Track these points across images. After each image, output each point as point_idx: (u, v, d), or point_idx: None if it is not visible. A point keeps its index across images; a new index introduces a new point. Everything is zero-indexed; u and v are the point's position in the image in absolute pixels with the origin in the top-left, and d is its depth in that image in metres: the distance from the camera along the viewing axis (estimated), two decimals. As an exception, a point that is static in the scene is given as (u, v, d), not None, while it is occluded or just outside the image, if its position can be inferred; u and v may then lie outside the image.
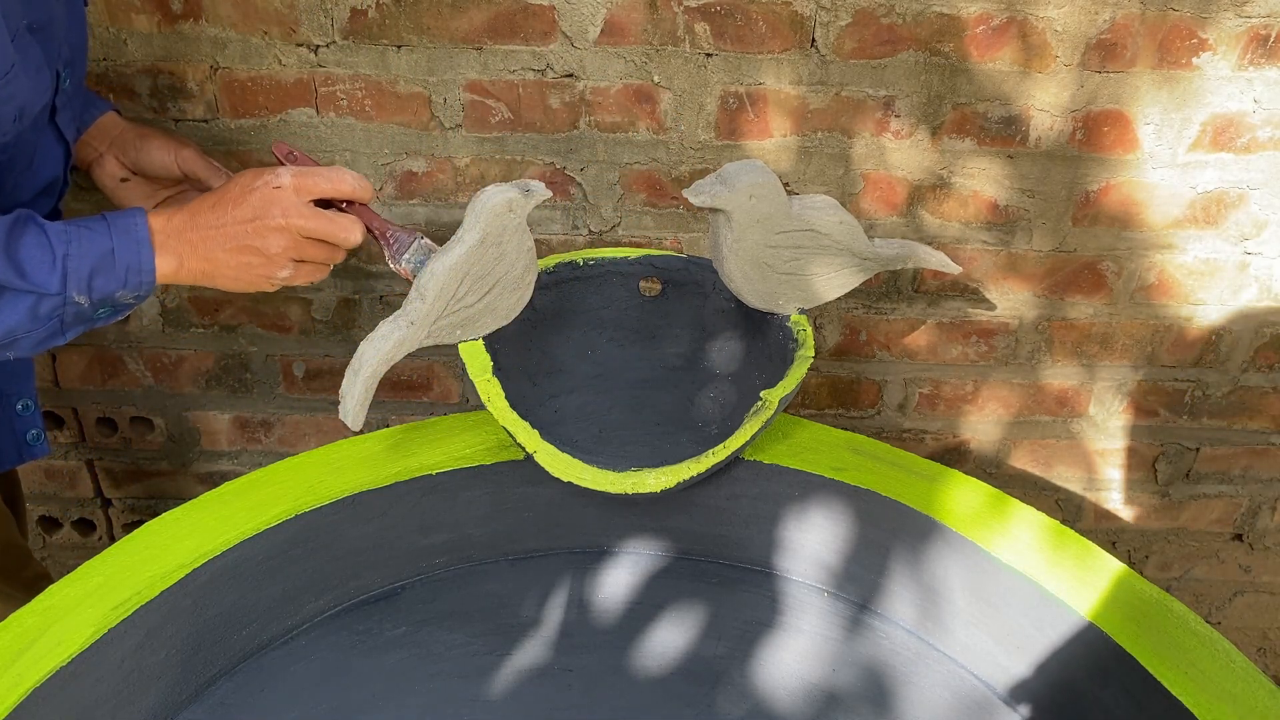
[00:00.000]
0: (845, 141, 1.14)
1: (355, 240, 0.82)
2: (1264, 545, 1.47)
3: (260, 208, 0.78)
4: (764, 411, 0.93)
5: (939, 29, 1.07)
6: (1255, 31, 1.07)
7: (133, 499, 1.44)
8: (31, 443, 0.99)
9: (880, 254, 1.01)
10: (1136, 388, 1.31)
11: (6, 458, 0.98)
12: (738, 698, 0.93)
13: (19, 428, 0.97)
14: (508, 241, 0.89)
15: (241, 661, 0.93)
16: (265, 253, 0.79)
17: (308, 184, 0.79)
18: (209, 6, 1.06)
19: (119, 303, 0.78)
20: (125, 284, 0.76)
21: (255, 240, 0.78)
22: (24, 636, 0.78)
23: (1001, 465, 1.39)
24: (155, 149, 0.94)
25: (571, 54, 1.09)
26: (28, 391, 0.97)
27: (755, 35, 1.07)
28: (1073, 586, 0.87)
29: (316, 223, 0.79)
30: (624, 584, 1.03)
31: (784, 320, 0.99)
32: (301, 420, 1.36)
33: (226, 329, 1.27)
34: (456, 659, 0.95)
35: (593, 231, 1.21)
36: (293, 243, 0.79)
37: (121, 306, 0.79)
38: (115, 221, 0.76)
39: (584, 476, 0.91)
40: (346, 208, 0.85)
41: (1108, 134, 1.13)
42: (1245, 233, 1.19)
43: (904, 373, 1.31)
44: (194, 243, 0.78)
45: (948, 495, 0.96)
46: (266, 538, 0.89)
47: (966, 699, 0.94)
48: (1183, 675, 0.80)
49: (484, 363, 0.93)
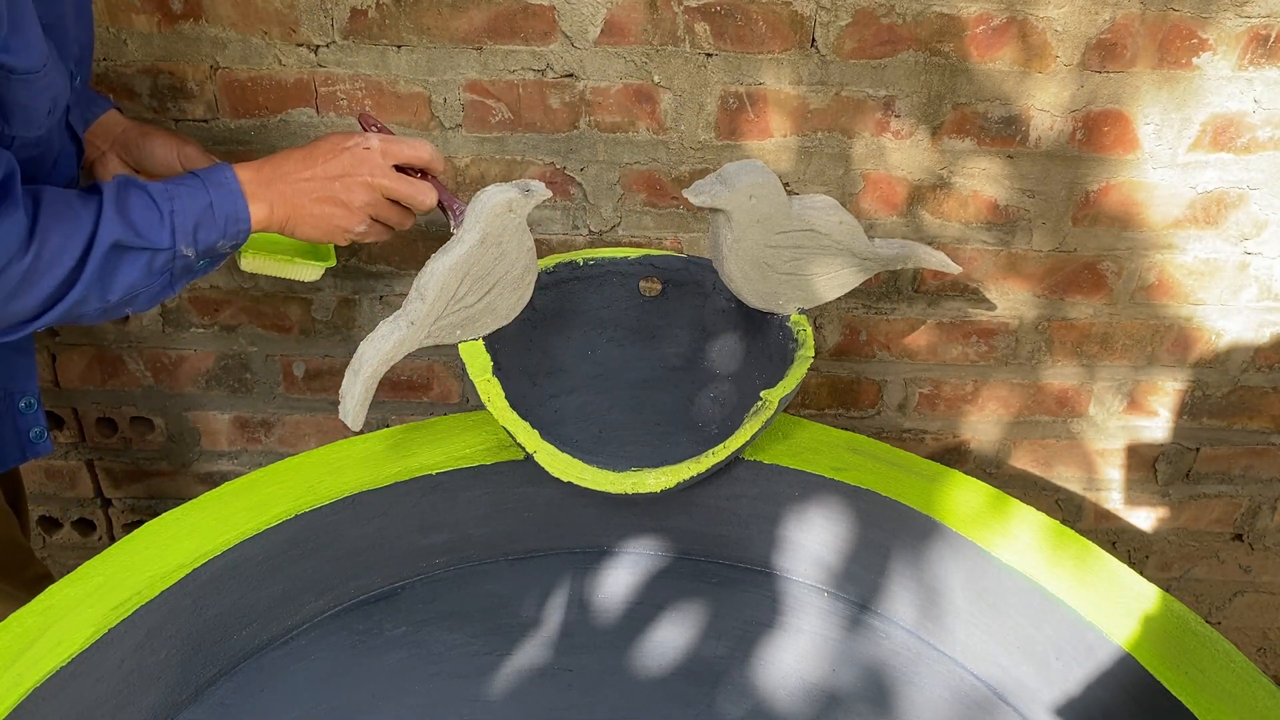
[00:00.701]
0: (845, 141, 1.14)
1: (430, 205, 0.88)
2: (1264, 545, 1.47)
3: (351, 165, 0.84)
4: (764, 411, 0.93)
5: (939, 29, 1.07)
6: (1255, 31, 1.07)
7: (133, 499, 1.44)
8: (35, 440, 0.99)
9: (880, 254, 1.01)
10: (1136, 388, 1.31)
11: (10, 456, 0.99)
12: (738, 698, 0.93)
13: (22, 426, 0.98)
14: (508, 241, 0.89)
15: (241, 661, 0.93)
16: (349, 205, 0.85)
17: (393, 149, 0.86)
18: (209, 6, 1.06)
19: (218, 252, 0.83)
20: (225, 234, 0.81)
21: (343, 194, 0.84)
22: (24, 636, 0.78)
23: (1001, 465, 1.39)
24: (158, 147, 0.95)
25: (571, 54, 1.09)
26: (31, 390, 0.97)
27: (755, 35, 1.07)
28: (1073, 587, 0.87)
29: (399, 184, 0.86)
30: (624, 584, 1.03)
31: (784, 320, 0.99)
32: (301, 420, 1.36)
33: (226, 329, 1.27)
34: (456, 659, 0.95)
35: (593, 231, 1.21)
36: (375, 200, 0.86)
37: (219, 256, 0.85)
38: (208, 177, 0.81)
39: (584, 476, 0.91)
40: (421, 177, 0.89)
41: (1108, 134, 1.13)
42: (1245, 233, 1.19)
43: (904, 373, 1.31)
44: (284, 192, 0.84)
45: (948, 495, 0.96)
46: (266, 538, 0.89)
47: (966, 699, 0.94)
48: (1183, 675, 0.80)
49: (484, 363, 0.93)
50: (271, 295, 1.25)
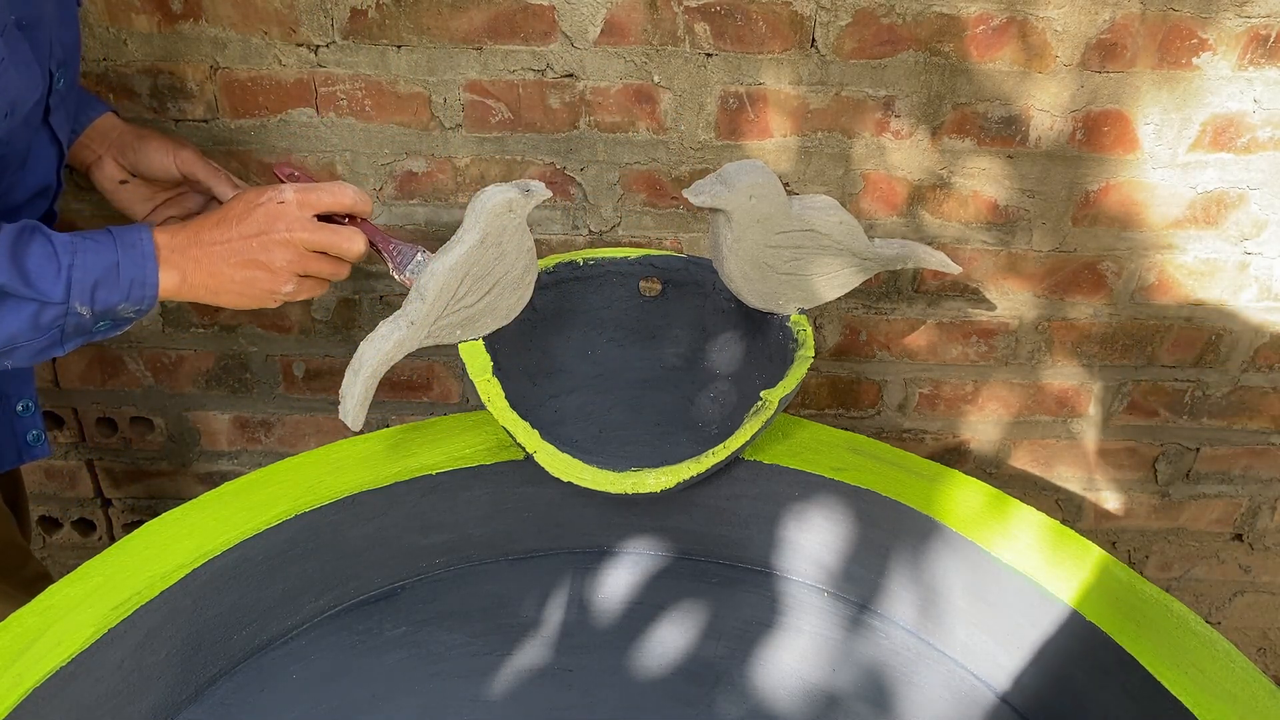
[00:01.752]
0: (845, 141, 1.14)
1: (358, 251, 0.84)
2: (1264, 545, 1.47)
3: (265, 223, 0.80)
4: (764, 411, 0.93)
5: (939, 29, 1.07)
6: (1255, 31, 1.07)
7: (133, 499, 1.44)
8: (32, 444, 0.99)
9: (880, 254, 1.01)
10: (1136, 388, 1.31)
11: (6, 459, 0.98)
12: (738, 698, 0.93)
13: (19, 429, 0.98)
14: (508, 241, 0.89)
15: (241, 661, 0.93)
16: (270, 267, 0.80)
17: (310, 199, 0.81)
18: (209, 6, 1.06)
19: (119, 316, 0.79)
20: (128, 297, 0.77)
21: (260, 255, 0.80)
22: (24, 636, 0.78)
23: (1001, 465, 1.39)
24: (154, 151, 0.94)
25: (571, 54, 1.09)
26: (28, 393, 0.97)
27: (755, 35, 1.07)
28: (1073, 587, 0.87)
29: (320, 235, 0.81)
30: (624, 584, 1.03)
31: (784, 320, 0.99)
32: (301, 420, 1.36)
33: (226, 329, 1.27)
34: (456, 659, 0.95)
35: (593, 231, 1.21)
36: (297, 256, 0.81)
37: (121, 320, 0.80)
38: (121, 236, 0.77)
39: (584, 476, 0.91)
40: (348, 222, 0.86)
41: (1108, 134, 1.13)
42: (1245, 233, 1.19)
43: (904, 373, 1.31)
44: (198, 259, 0.79)
45: (948, 495, 0.96)
46: (266, 538, 0.89)
47: (966, 699, 0.94)
48: (1183, 675, 0.80)
49: (484, 363, 0.93)
50: (271, 295, 1.25)
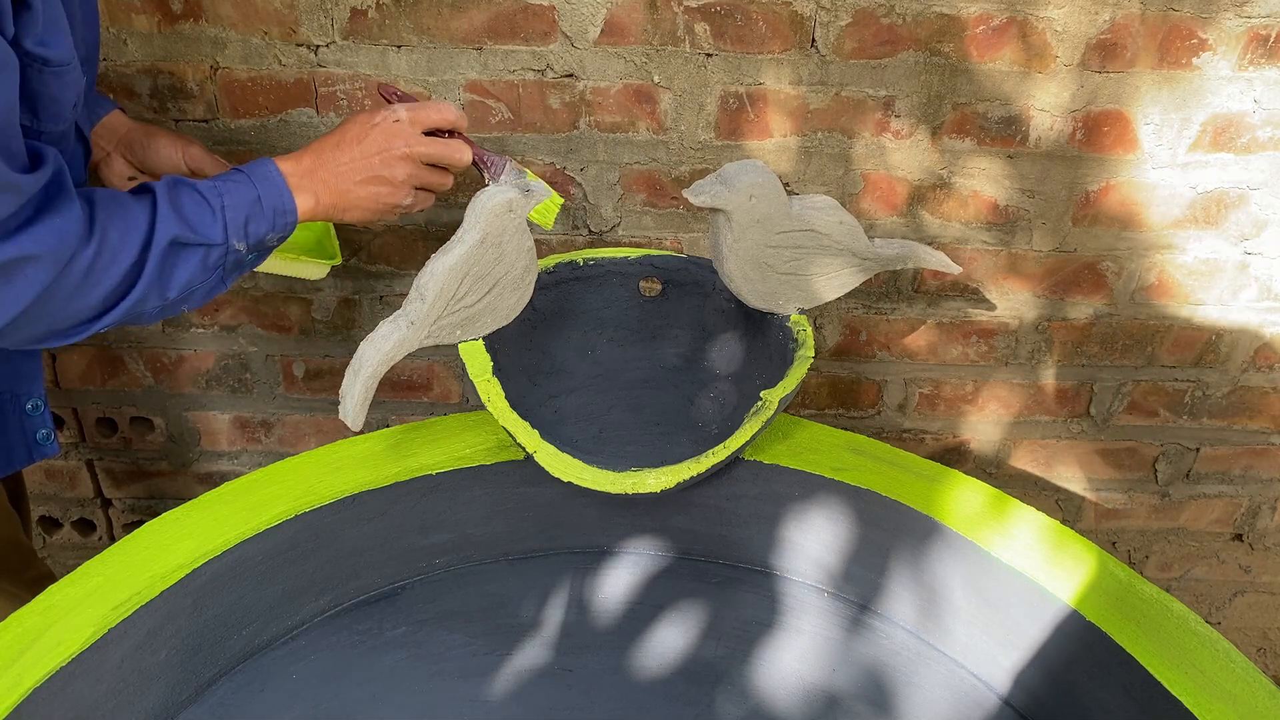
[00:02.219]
0: (845, 141, 1.14)
1: (467, 160, 0.89)
2: (1264, 545, 1.47)
3: (384, 140, 0.85)
4: (764, 411, 0.93)
5: (939, 29, 1.07)
6: (1255, 32, 1.07)
7: (133, 499, 1.44)
8: (41, 442, 0.99)
9: (880, 254, 1.01)
10: (1136, 388, 1.31)
11: (16, 458, 0.99)
12: (738, 698, 0.93)
13: (29, 428, 0.98)
14: (508, 241, 0.89)
15: (241, 661, 0.92)
16: (393, 181, 0.86)
17: (421, 116, 0.86)
18: (209, 6, 1.06)
19: (266, 245, 0.84)
20: (274, 226, 0.82)
21: (384, 170, 0.85)
22: (24, 636, 0.78)
23: (1001, 465, 1.39)
24: (162, 148, 0.96)
25: (571, 54, 1.09)
26: (37, 391, 0.97)
27: (755, 35, 1.07)
28: (1073, 587, 0.87)
29: (435, 148, 0.87)
30: (624, 584, 1.03)
31: (784, 320, 0.99)
32: (301, 420, 1.36)
33: (226, 329, 1.27)
34: (456, 659, 0.95)
35: (593, 231, 1.21)
36: (415, 169, 0.87)
37: (266, 249, 0.85)
38: (252, 171, 0.82)
39: (584, 476, 0.91)
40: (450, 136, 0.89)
41: (1108, 134, 1.13)
42: (1245, 233, 1.19)
43: (904, 373, 1.31)
44: (325, 179, 0.84)
45: (948, 495, 0.96)
46: (266, 538, 0.89)
47: (966, 699, 0.94)
48: (1183, 675, 0.80)
49: (484, 363, 0.93)
50: (271, 295, 1.25)
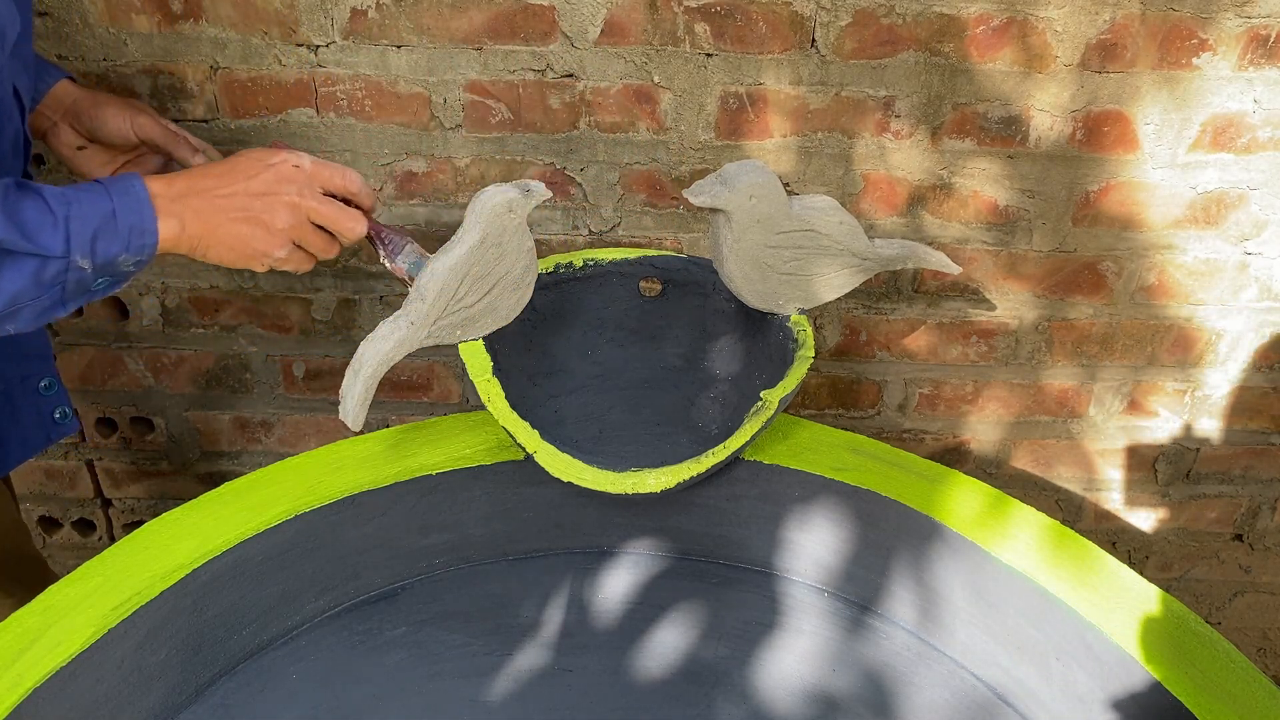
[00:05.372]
0: (845, 142, 1.14)
1: (359, 234, 0.83)
2: (1264, 545, 1.47)
3: (275, 183, 0.79)
4: (764, 411, 0.93)
5: (939, 29, 1.07)
6: (1255, 32, 1.07)
7: (133, 499, 1.44)
8: (60, 421, 0.97)
9: (880, 254, 1.01)
10: (1136, 388, 1.31)
11: (35, 440, 0.97)
12: (738, 699, 0.93)
13: (45, 407, 0.96)
14: (508, 242, 0.89)
15: (241, 661, 0.93)
16: (271, 227, 0.79)
17: (324, 174, 0.81)
18: (209, 6, 1.06)
19: (119, 269, 0.76)
20: (128, 247, 0.75)
21: (265, 214, 0.79)
22: (24, 636, 0.78)
23: (1001, 466, 1.39)
24: (110, 117, 0.92)
25: (571, 54, 1.09)
26: (49, 370, 0.96)
27: (755, 35, 1.07)
28: (1073, 587, 0.87)
29: (329, 209, 0.81)
30: (624, 584, 1.03)
31: (784, 320, 0.99)
32: (301, 420, 1.36)
33: (226, 329, 1.27)
34: (456, 659, 0.95)
35: (593, 231, 1.21)
36: (299, 223, 0.80)
37: (120, 275, 0.78)
38: (112, 184, 0.75)
39: (584, 476, 0.91)
40: None
41: (1108, 134, 1.13)
42: (1245, 233, 1.19)
43: (904, 373, 1.31)
44: (198, 209, 0.78)
45: (948, 496, 0.96)
46: (266, 538, 0.90)
47: (967, 699, 0.94)
48: (1183, 675, 0.80)
49: (484, 363, 0.93)
50: (271, 295, 1.25)
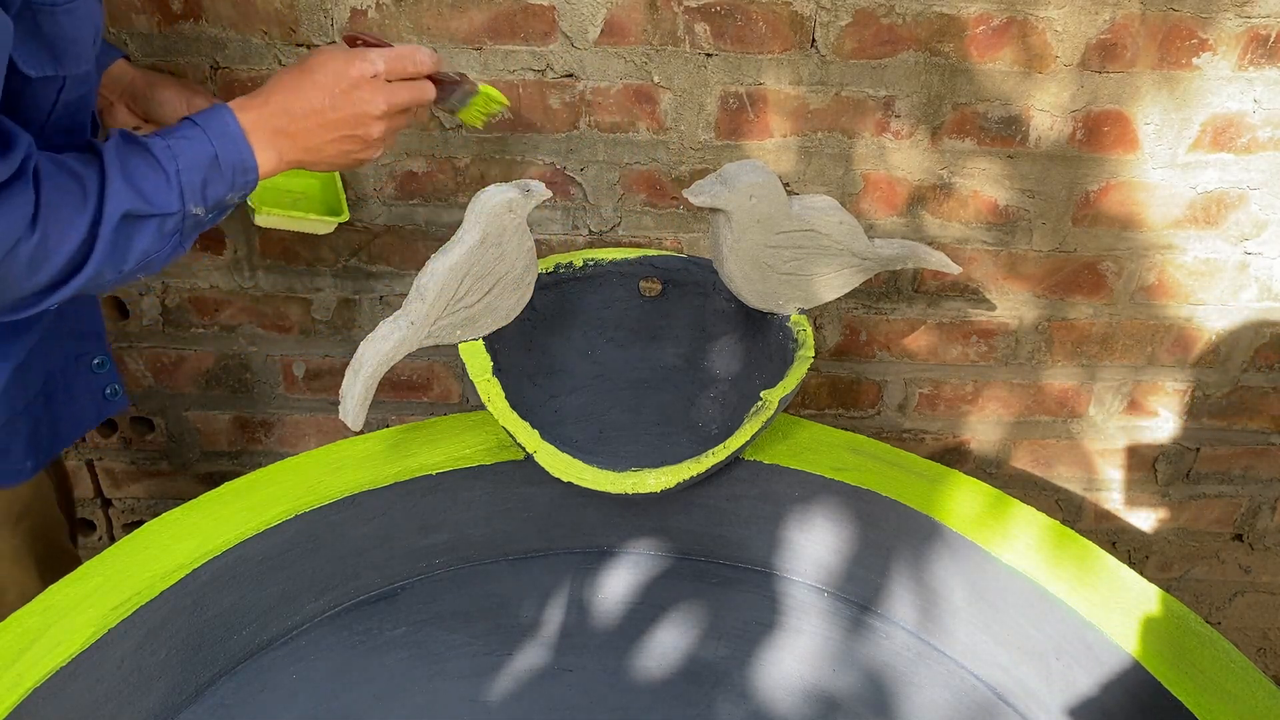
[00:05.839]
0: (845, 142, 1.14)
1: (432, 95, 0.86)
2: (1264, 545, 1.47)
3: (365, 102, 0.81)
4: (764, 411, 0.93)
5: (939, 29, 1.07)
6: (1255, 32, 1.07)
7: (133, 499, 1.43)
8: (110, 398, 0.99)
9: (880, 254, 1.01)
10: (1136, 388, 1.31)
11: (88, 417, 0.98)
12: (738, 699, 0.93)
13: (96, 385, 0.98)
14: (508, 241, 0.89)
15: (241, 661, 0.93)
16: (367, 139, 0.83)
17: (398, 67, 0.83)
18: (209, 6, 1.06)
19: (226, 204, 0.80)
20: (233, 185, 0.78)
21: (359, 129, 0.82)
22: (24, 636, 0.78)
23: (1002, 465, 1.39)
24: (168, 98, 0.94)
25: (571, 54, 1.09)
26: (101, 349, 0.97)
27: (755, 35, 1.07)
28: (1073, 587, 0.87)
29: (408, 95, 0.84)
30: (624, 584, 1.03)
31: (784, 320, 0.99)
32: (301, 420, 1.36)
33: (226, 329, 1.27)
34: (456, 659, 0.95)
35: (593, 231, 1.21)
36: (390, 123, 0.84)
37: (227, 207, 0.81)
38: (209, 125, 0.77)
39: (584, 476, 0.91)
40: None
41: (1108, 134, 1.13)
42: (1245, 233, 1.19)
43: (904, 373, 1.31)
44: (293, 135, 0.80)
45: (948, 496, 0.96)
46: (266, 538, 0.90)
47: (967, 700, 0.94)
48: (1183, 675, 0.80)
49: (484, 363, 0.93)
50: (271, 295, 1.24)
